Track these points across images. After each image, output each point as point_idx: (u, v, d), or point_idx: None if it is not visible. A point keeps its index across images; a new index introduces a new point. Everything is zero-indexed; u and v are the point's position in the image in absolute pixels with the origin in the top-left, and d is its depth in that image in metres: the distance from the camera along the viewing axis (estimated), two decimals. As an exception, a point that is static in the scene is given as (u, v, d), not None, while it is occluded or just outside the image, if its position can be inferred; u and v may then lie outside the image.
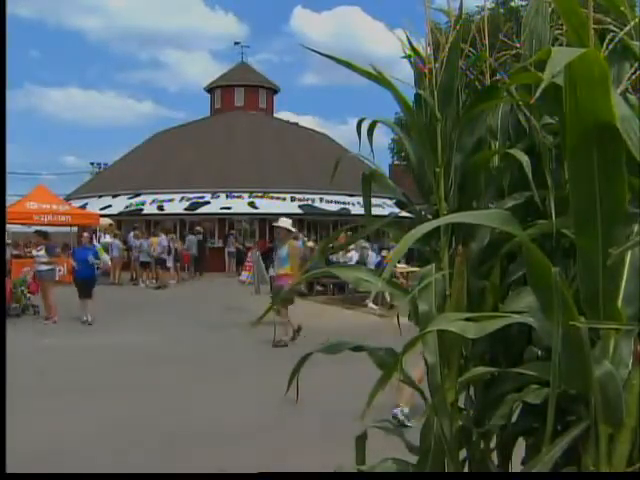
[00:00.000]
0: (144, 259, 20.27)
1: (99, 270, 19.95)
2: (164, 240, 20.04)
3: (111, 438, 5.40)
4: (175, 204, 26.69)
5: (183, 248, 22.03)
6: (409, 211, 2.10)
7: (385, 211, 4.71)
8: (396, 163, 35.72)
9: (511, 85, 1.78)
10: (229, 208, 26.22)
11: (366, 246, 16.08)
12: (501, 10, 21.80)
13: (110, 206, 27.10)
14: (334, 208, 26.88)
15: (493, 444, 1.85)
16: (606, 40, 1.52)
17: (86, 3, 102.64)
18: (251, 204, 26.41)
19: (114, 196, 28.13)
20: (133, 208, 27.09)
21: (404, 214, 2.27)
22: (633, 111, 1.35)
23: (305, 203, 26.85)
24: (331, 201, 27.00)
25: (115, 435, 5.48)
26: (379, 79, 1.81)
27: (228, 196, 26.76)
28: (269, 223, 27.09)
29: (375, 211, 2.17)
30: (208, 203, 26.50)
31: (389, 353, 1.93)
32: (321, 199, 27.08)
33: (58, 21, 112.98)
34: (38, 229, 16.64)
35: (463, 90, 1.99)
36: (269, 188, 27.00)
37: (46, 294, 12.25)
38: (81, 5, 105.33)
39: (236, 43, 40.79)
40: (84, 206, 26.28)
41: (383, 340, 2.13)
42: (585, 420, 1.39)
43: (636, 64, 1.58)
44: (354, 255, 15.93)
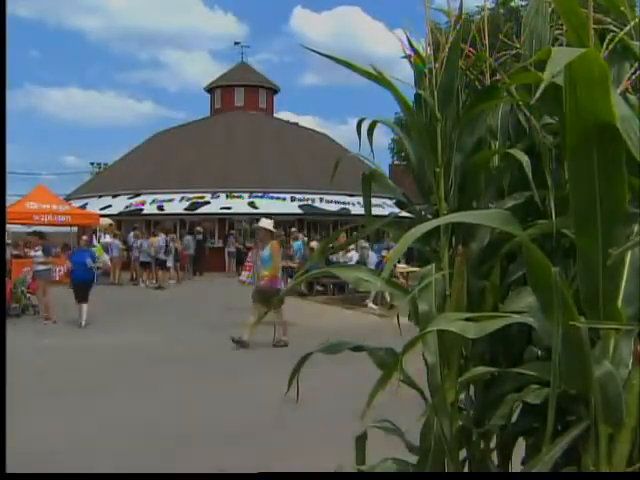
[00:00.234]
0: (144, 259, 20.27)
1: (99, 271, 20.01)
2: (161, 240, 20.03)
3: (111, 438, 5.40)
4: (175, 204, 26.69)
5: (183, 248, 22.03)
6: (409, 211, 2.10)
7: (385, 211, 4.71)
8: (396, 163, 35.70)
9: (511, 85, 1.78)
10: (229, 208, 26.21)
11: (366, 246, 16.07)
12: (501, 10, 21.79)
13: (110, 206, 27.09)
14: (334, 208, 26.87)
15: (493, 444, 1.85)
16: (606, 40, 1.52)
17: (86, 3, 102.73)
18: (251, 204, 26.39)
19: (114, 196, 28.13)
20: (133, 208, 27.10)
21: (404, 214, 2.27)
22: (633, 111, 1.35)
23: (305, 203, 26.85)
24: (331, 201, 26.99)
25: (115, 435, 5.48)
26: (379, 79, 1.81)
27: (228, 196, 26.75)
28: (269, 223, 27.16)
29: (375, 211, 2.18)
30: (208, 203, 26.49)
31: (389, 353, 1.93)
32: (321, 199, 27.07)
33: (58, 21, 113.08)
34: (34, 230, 16.69)
35: (463, 90, 1.99)
36: (269, 188, 26.99)
37: (44, 294, 12.26)
38: (81, 5, 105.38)
39: (236, 43, 40.86)
40: (84, 206, 26.29)
41: (383, 340, 2.13)
42: (585, 420, 1.39)
43: (636, 64, 1.58)
44: (354, 255, 15.92)
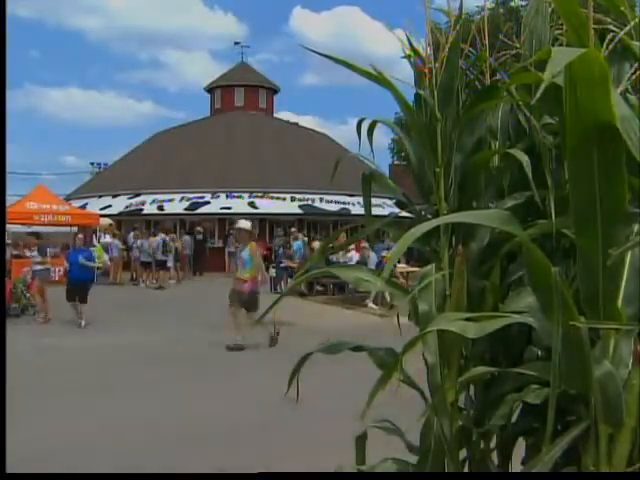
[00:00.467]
0: (145, 259, 20.28)
1: (99, 271, 20.00)
2: (159, 240, 20.02)
3: (111, 438, 5.40)
4: (175, 204, 26.68)
5: (182, 248, 22.03)
6: (409, 211, 2.10)
7: (385, 211, 4.71)
8: (396, 163, 35.68)
9: (511, 85, 1.78)
10: (229, 208, 26.19)
11: (366, 246, 16.06)
12: (501, 10, 21.79)
13: (110, 206, 27.08)
14: (334, 208, 26.86)
15: (493, 444, 1.85)
16: (606, 40, 1.52)
17: (86, 3, 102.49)
18: (251, 204, 26.38)
19: (114, 196, 28.12)
20: (133, 208, 27.09)
21: (404, 214, 2.27)
22: (633, 111, 1.35)
23: (305, 203, 26.84)
24: (331, 201, 26.98)
25: (115, 435, 5.48)
26: (379, 79, 1.81)
27: (228, 196, 26.73)
28: (269, 223, 27.15)
29: (375, 211, 2.18)
30: (208, 203, 26.48)
31: (389, 353, 1.93)
32: (321, 199, 27.06)
33: (58, 21, 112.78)
34: (31, 230, 16.73)
35: (463, 90, 1.99)
36: (269, 188, 26.99)
37: (41, 294, 12.28)
38: (81, 5, 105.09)
39: (236, 43, 40.73)
40: (84, 206, 26.28)
41: (383, 340, 2.12)
42: (585, 420, 1.39)
43: (636, 64, 1.58)
44: (354, 255, 15.92)
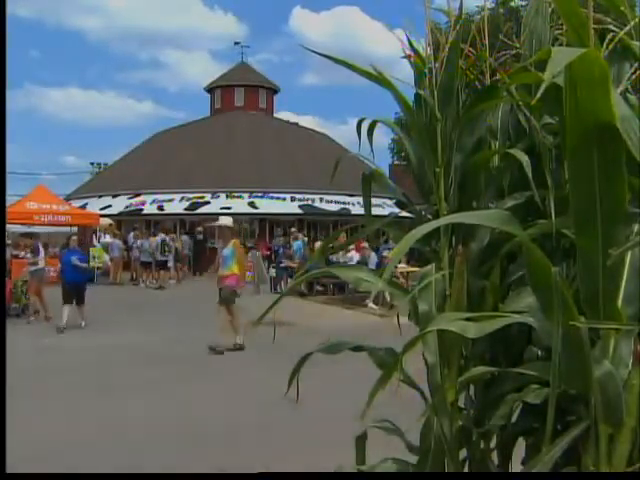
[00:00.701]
0: (145, 259, 20.27)
1: (99, 271, 20.01)
2: (158, 240, 20.02)
3: (111, 438, 5.40)
4: (175, 204, 26.68)
5: (182, 248, 22.04)
6: (409, 211, 2.10)
7: (385, 211, 4.70)
8: (396, 163, 35.67)
9: (511, 85, 1.78)
10: (229, 208, 26.16)
11: (366, 246, 16.07)
12: (501, 10, 21.79)
13: (110, 206, 27.09)
14: (334, 208, 26.86)
15: (493, 444, 1.85)
16: (606, 40, 1.52)
17: (86, 3, 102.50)
18: (251, 204, 26.40)
19: (114, 196, 28.12)
20: (133, 208, 27.09)
21: (404, 214, 2.27)
22: (633, 111, 1.35)
23: (305, 203, 26.84)
24: (331, 201, 26.98)
25: (115, 435, 5.48)
26: (379, 79, 1.81)
27: (228, 196, 26.74)
28: (269, 223, 27.16)
29: (375, 211, 2.18)
30: (208, 203, 26.48)
31: (389, 353, 1.93)
32: (321, 199, 27.06)
33: (58, 21, 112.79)
34: (24, 231, 16.81)
35: (463, 90, 1.99)
36: (269, 188, 26.99)
37: (37, 293, 12.32)
38: (81, 5, 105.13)
39: (236, 43, 40.84)
40: (84, 206, 26.28)
41: (383, 340, 2.12)
42: (585, 420, 1.39)
43: (636, 64, 1.58)
44: (354, 255, 15.92)
